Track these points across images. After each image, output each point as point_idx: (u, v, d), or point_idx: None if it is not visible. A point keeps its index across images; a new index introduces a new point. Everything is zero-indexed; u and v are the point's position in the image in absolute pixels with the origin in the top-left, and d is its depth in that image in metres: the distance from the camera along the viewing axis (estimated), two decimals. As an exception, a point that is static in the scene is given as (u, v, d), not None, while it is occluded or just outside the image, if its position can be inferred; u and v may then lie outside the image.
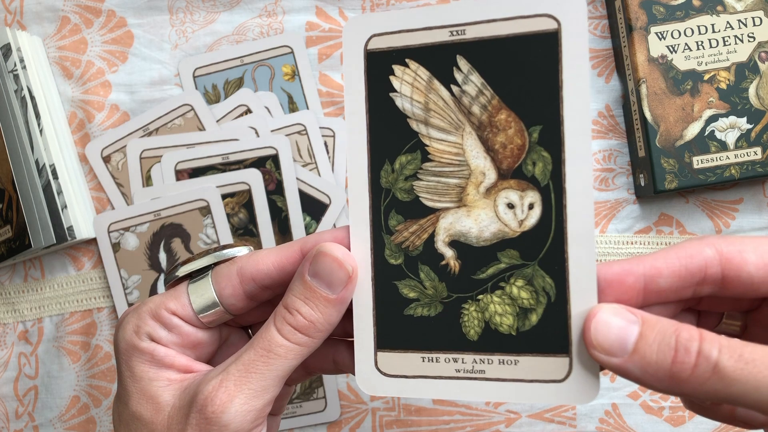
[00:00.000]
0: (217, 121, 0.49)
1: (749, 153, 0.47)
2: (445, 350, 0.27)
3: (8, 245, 0.46)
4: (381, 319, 0.28)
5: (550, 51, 0.25)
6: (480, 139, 0.26)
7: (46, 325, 0.49)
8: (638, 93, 0.47)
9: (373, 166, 0.27)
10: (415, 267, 0.27)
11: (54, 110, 0.48)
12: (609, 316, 0.25)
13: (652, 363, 0.24)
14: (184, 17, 0.49)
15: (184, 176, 0.49)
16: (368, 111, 0.27)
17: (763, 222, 0.50)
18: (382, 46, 0.27)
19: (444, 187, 0.27)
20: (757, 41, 0.47)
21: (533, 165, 0.26)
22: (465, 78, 0.26)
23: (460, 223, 0.27)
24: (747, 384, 0.22)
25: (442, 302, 0.27)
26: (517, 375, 0.26)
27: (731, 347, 0.22)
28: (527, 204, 0.26)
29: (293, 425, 0.49)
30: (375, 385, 0.28)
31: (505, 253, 0.27)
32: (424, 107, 0.27)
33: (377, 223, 0.27)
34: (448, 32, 0.26)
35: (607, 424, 0.50)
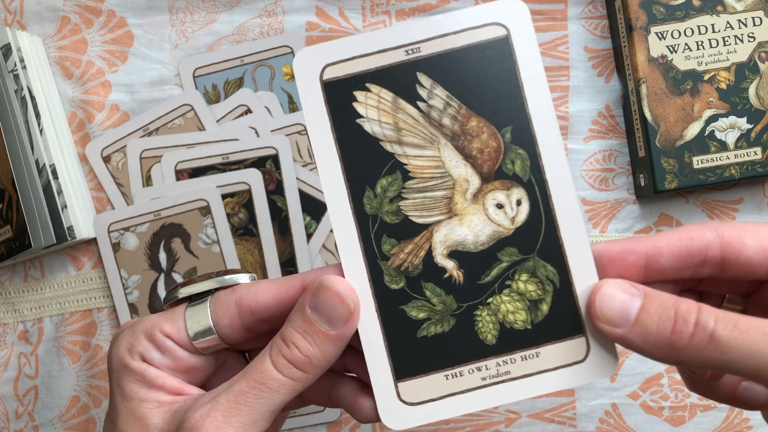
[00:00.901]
0: (217, 121, 0.49)
1: (749, 153, 0.47)
2: (466, 362, 0.27)
3: (8, 245, 0.46)
4: (395, 348, 0.27)
5: (504, 55, 0.27)
6: (456, 148, 0.27)
7: (46, 325, 0.49)
8: (638, 93, 0.47)
9: (354, 195, 0.27)
10: (419, 286, 0.27)
11: (54, 110, 0.48)
12: (613, 290, 0.26)
13: (652, 333, 0.25)
14: (184, 17, 0.49)
15: (184, 176, 0.49)
16: (337, 141, 0.27)
17: (763, 222, 0.50)
18: (339, 75, 0.27)
19: (431, 201, 0.27)
20: (757, 41, 0.47)
21: (512, 163, 0.27)
22: (429, 93, 0.27)
23: (455, 233, 0.27)
24: (741, 351, 0.23)
25: (454, 315, 0.27)
26: (542, 366, 0.27)
27: (727, 318, 0.24)
28: (515, 201, 0.27)
29: (293, 425, 0.49)
30: (402, 417, 0.27)
31: (504, 251, 0.27)
32: (395, 127, 0.27)
33: (370, 252, 0.27)
34: (404, 52, 0.27)
35: (607, 424, 0.50)
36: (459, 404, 0.27)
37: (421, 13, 0.50)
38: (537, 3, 0.50)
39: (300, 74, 0.27)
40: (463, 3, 0.49)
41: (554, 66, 0.50)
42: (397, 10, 0.50)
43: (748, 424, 0.49)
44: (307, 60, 0.27)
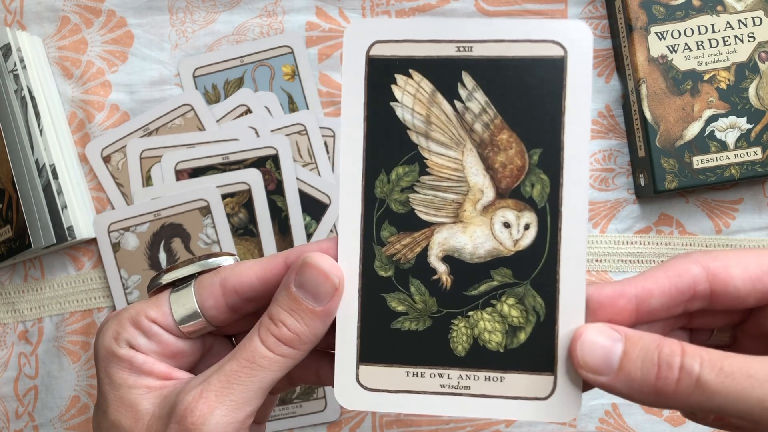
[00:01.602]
0: (217, 121, 0.49)
1: (749, 153, 0.47)
2: (431, 365, 0.27)
3: (8, 245, 0.46)
4: (366, 332, 0.27)
5: (555, 77, 0.26)
6: (480, 156, 0.27)
7: (46, 325, 0.49)
8: (638, 93, 0.47)
9: (367, 175, 0.27)
10: (405, 280, 0.27)
11: (54, 110, 0.48)
12: (594, 336, 0.25)
13: (637, 380, 0.24)
14: (184, 17, 0.49)
15: (184, 176, 0.49)
16: (366, 118, 0.27)
17: (763, 222, 0.50)
18: (386, 54, 0.27)
19: (441, 201, 0.27)
20: (757, 41, 0.47)
21: (531, 186, 0.27)
22: (469, 95, 0.27)
23: (455, 239, 0.27)
24: (729, 396, 0.23)
25: (431, 317, 0.27)
26: (503, 392, 0.27)
27: (712, 360, 0.23)
28: (523, 224, 0.27)
29: (293, 425, 0.49)
30: (354, 398, 0.27)
31: (499, 271, 0.27)
32: (426, 120, 0.27)
33: (368, 234, 0.27)
34: (455, 47, 0.26)
35: (607, 424, 0.50)
36: (411, 403, 0.27)
37: (420, 13, 0.50)
38: (537, 3, 0.50)
39: (348, 44, 0.27)
40: (463, 4, 0.49)
41: (554, 66, 0.50)
42: (397, 10, 0.50)
43: (748, 424, 0.49)
44: (359, 32, 0.27)
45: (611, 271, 0.49)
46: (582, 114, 0.26)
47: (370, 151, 0.27)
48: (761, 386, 0.22)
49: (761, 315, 0.27)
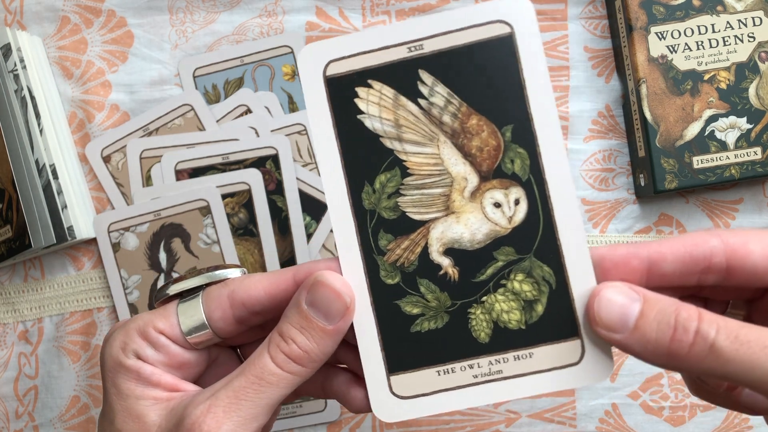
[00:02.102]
0: (217, 121, 0.49)
1: (749, 153, 0.47)
2: (459, 359, 0.27)
3: (8, 245, 0.46)
4: (388, 342, 0.27)
5: (507, 53, 0.26)
6: (456, 146, 0.27)
7: (46, 325, 0.49)
8: (638, 93, 0.47)
9: (353, 190, 0.27)
10: (414, 282, 0.27)
11: (54, 110, 0.48)
12: (612, 294, 0.25)
13: (651, 340, 0.24)
14: (184, 17, 0.49)
15: (184, 176, 0.49)
16: (338, 136, 0.27)
17: (763, 222, 0.50)
18: (342, 71, 0.27)
19: (429, 198, 0.27)
20: (757, 41, 0.47)
21: (512, 162, 0.27)
22: (431, 90, 0.27)
23: (452, 231, 0.27)
24: (742, 364, 0.23)
25: (448, 312, 0.27)
26: (535, 367, 0.27)
27: (728, 327, 0.23)
28: (513, 200, 0.27)
29: (293, 425, 0.49)
30: (393, 410, 0.27)
31: (501, 250, 0.27)
32: (395, 124, 0.27)
33: (367, 246, 0.27)
34: (407, 49, 0.27)
35: (607, 424, 0.50)
36: (450, 400, 0.27)
37: (421, 13, 0.50)
38: (537, 3, 0.50)
39: (304, 70, 0.27)
40: (463, 3, 0.49)
41: (554, 66, 0.50)
42: (397, 10, 0.50)
43: (748, 424, 0.49)
44: (312, 56, 0.27)
45: (611, 271, 0.49)
46: (542, 82, 0.26)
47: (349, 167, 0.27)
48: None
49: None
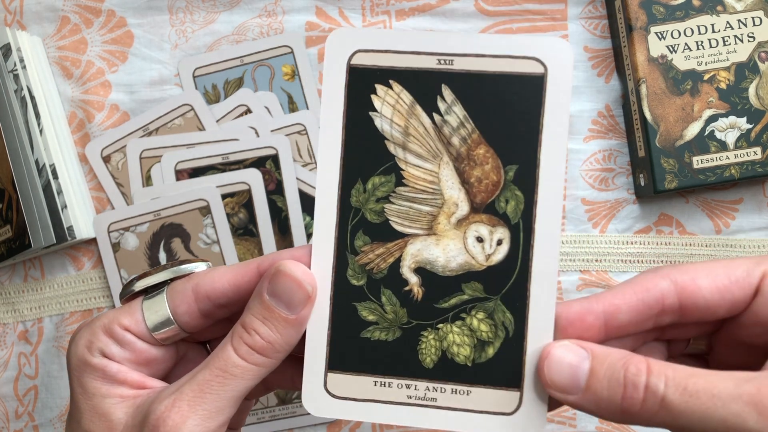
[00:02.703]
0: (217, 121, 0.49)
1: (749, 153, 0.47)
2: (399, 376, 0.27)
3: (8, 245, 0.46)
4: (335, 340, 0.27)
5: (534, 94, 0.26)
6: (456, 170, 0.27)
7: (46, 325, 0.49)
8: (638, 93, 0.47)
9: (344, 184, 0.27)
10: (377, 290, 0.27)
11: (54, 110, 0.48)
12: (561, 354, 0.25)
13: (604, 399, 0.24)
14: (184, 17, 0.49)
15: (184, 176, 0.49)
16: (345, 127, 0.27)
17: (763, 222, 0.50)
18: (367, 63, 0.27)
19: (416, 213, 0.27)
20: (757, 41, 0.47)
21: (506, 202, 0.26)
22: (448, 108, 0.26)
23: (428, 251, 0.27)
24: (693, 416, 0.22)
25: (401, 327, 0.27)
26: (468, 405, 0.27)
27: (676, 379, 0.23)
28: (496, 239, 0.27)
29: (293, 425, 0.49)
30: (321, 406, 0.28)
31: (470, 285, 0.27)
32: (404, 131, 0.27)
33: (342, 242, 0.27)
34: (436, 60, 0.26)
35: (607, 423, 0.50)
36: (378, 412, 0.27)
37: (420, 14, 0.50)
38: (537, 3, 0.50)
39: (330, 52, 0.27)
40: (463, 4, 0.49)
41: (554, 66, 0.50)
42: (397, 10, 0.50)
43: (748, 424, 0.49)
44: (341, 40, 0.26)
45: (611, 271, 0.49)
46: (559, 132, 0.26)
47: (347, 160, 0.27)
48: (724, 406, 0.22)
49: (733, 325, 0.27)
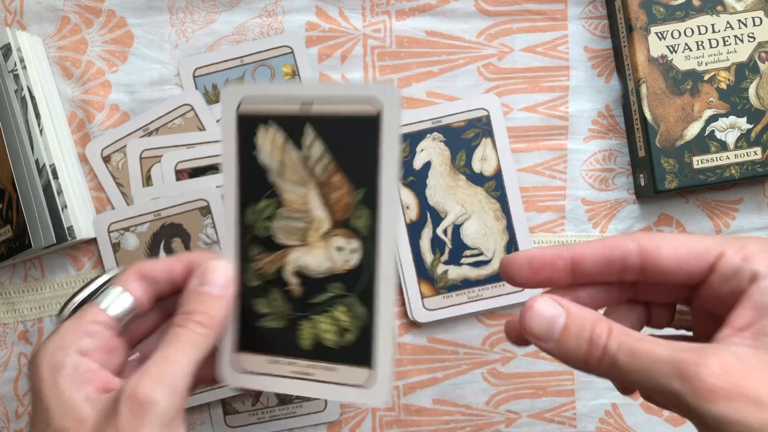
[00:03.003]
0: (217, 121, 0.49)
1: (749, 153, 0.47)
2: (285, 356, 0.34)
3: (8, 245, 0.46)
4: (240, 328, 0.34)
5: (372, 131, 0.32)
6: (320, 194, 0.33)
7: (46, 325, 0.49)
8: (638, 93, 0.47)
9: (241, 206, 0.34)
10: (268, 289, 0.34)
11: (54, 110, 0.48)
12: (541, 307, 0.30)
13: (570, 351, 0.29)
14: (184, 17, 0.50)
15: (184, 176, 0.49)
16: (238, 162, 0.33)
17: (763, 222, 0.50)
18: (251, 111, 0.33)
19: (293, 229, 0.34)
20: (757, 41, 0.47)
21: (358, 219, 0.33)
22: (311, 144, 0.33)
23: (303, 259, 0.34)
24: (635, 375, 0.27)
25: (286, 318, 0.34)
26: (335, 379, 0.34)
27: (627, 343, 0.28)
28: (351, 248, 0.33)
29: (293, 425, 0.49)
30: (229, 377, 0.35)
31: (334, 285, 0.34)
32: (280, 164, 0.33)
33: (244, 251, 0.34)
34: (300, 105, 0.32)
35: (607, 424, 0.50)
36: (270, 383, 0.34)
37: (421, 14, 0.50)
38: (537, 3, 0.50)
39: (224, 103, 0.33)
40: (463, 4, 0.49)
41: (554, 66, 0.50)
42: (397, 10, 0.50)
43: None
44: (232, 93, 0.33)
45: (611, 271, 0.49)
46: (392, 161, 0.32)
47: (241, 189, 0.34)
48: (658, 369, 0.26)
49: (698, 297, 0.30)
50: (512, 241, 0.49)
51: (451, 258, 0.49)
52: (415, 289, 0.49)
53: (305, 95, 0.32)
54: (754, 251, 0.28)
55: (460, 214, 0.49)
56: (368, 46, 0.50)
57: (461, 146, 0.49)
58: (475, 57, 0.50)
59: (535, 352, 0.50)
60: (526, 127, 0.50)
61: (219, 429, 0.49)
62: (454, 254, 0.49)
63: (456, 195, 0.49)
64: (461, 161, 0.49)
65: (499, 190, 0.49)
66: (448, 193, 0.49)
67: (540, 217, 0.50)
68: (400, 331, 0.49)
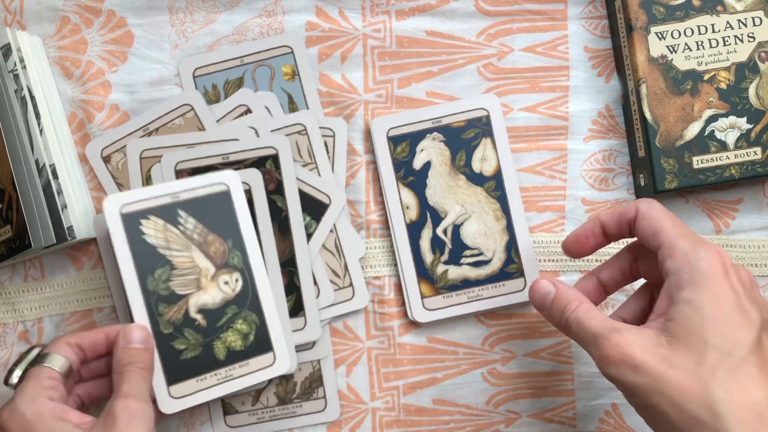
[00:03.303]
0: (217, 121, 0.49)
1: (749, 153, 0.47)
2: (208, 371, 0.45)
3: (8, 245, 0.46)
4: (167, 366, 0.44)
5: (227, 201, 0.46)
6: (201, 251, 0.46)
7: (46, 325, 0.49)
8: (638, 93, 0.47)
9: (141, 279, 0.44)
10: (181, 330, 0.45)
11: (54, 110, 0.48)
12: (540, 286, 0.41)
13: (552, 319, 0.40)
14: (184, 17, 0.50)
15: (184, 176, 0.49)
16: (130, 248, 0.44)
17: (763, 222, 0.50)
18: (132, 209, 0.44)
19: (187, 281, 0.45)
20: (757, 41, 0.47)
21: (233, 258, 0.46)
22: (185, 220, 0.45)
23: (202, 299, 0.46)
24: (577, 338, 0.38)
25: (201, 345, 0.45)
26: (250, 370, 0.46)
27: (579, 317, 0.38)
28: (234, 279, 0.46)
29: (293, 425, 0.49)
30: (170, 405, 0.44)
31: (229, 307, 0.46)
32: (165, 239, 0.45)
33: (152, 311, 0.44)
34: (170, 197, 0.45)
35: (607, 424, 0.50)
36: (204, 395, 0.45)
37: (420, 13, 0.50)
38: (537, 3, 0.50)
39: (107, 210, 0.44)
40: (463, 4, 0.49)
41: (554, 66, 0.50)
42: (397, 10, 0.50)
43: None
44: (113, 201, 0.44)
45: (611, 271, 0.49)
46: (245, 218, 0.46)
47: (138, 265, 0.44)
48: (592, 338, 0.36)
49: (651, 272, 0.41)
50: (512, 241, 0.49)
51: (451, 258, 0.49)
52: (415, 289, 0.49)
53: (173, 189, 0.45)
54: (678, 250, 0.36)
55: (460, 214, 0.49)
56: (368, 46, 0.50)
57: (461, 146, 0.49)
58: (475, 57, 0.50)
59: (535, 352, 0.50)
60: (526, 127, 0.50)
61: (219, 429, 0.49)
62: (454, 254, 0.49)
63: (456, 195, 0.49)
64: (461, 161, 0.49)
65: (499, 190, 0.49)
66: (448, 193, 0.49)
67: (540, 217, 0.50)
68: (400, 331, 0.49)
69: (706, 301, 0.34)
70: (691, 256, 0.35)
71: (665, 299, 0.36)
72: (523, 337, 0.50)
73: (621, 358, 0.34)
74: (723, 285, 0.34)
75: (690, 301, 0.34)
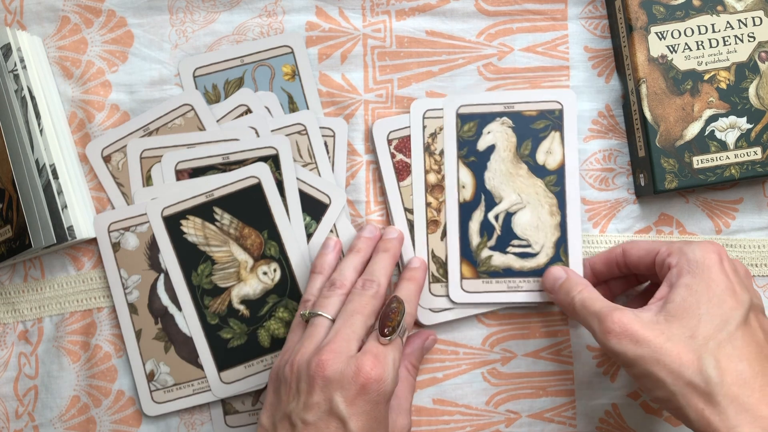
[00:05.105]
0: (218, 121, 0.49)
1: (749, 153, 0.47)
2: (255, 358, 0.48)
3: (8, 245, 0.46)
4: (216, 354, 0.48)
5: (260, 194, 0.48)
6: (239, 244, 0.48)
7: (46, 325, 0.49)
8: (638, 93, 0.47)
9: (186, 275, 0.48)
10: (226, 321, 0.48)
11: (54, 110, 0.48)
12: (553, 271, 0.46)
13: (560, 301, 0.45)
14: (184, 17, 0.50)
15: (184, 176, 0.49)
16: (174, 247, 0.48)
17: (763, 222, 0.50)
18: (171, 212, 0.48)
19: (228, 274, 0.48)
20: (757, 41, 0.47)
21: (270, 249, 0.48)
22: (221, 217, 0.48)
23: (243, 291, 0.48)
24: (580, 317, 0.42)
25: (246, 334, 0.48)
26: None
27: (583, 298, 0.42)
28: (273, 270, 0.48)
29: (293, 425, 0.49)
30: (222, 390, 0.48)
31: (270, 297, 0.48)
32: (204, 237, 0.48)
33: (198, 304, 0.48)
34: (205, 197, 0.48)
35: (607, 424, 0.50)
36: (252, 381, 0.48)
37: (420, 13, 0.50)
38: (537, 3, 0.50)
39: (150, 212, 0.48)
40: (463, 3, 0.49)
41: (554, 66, 0.50)
42: (397, 10, 0.50)
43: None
44: (155, 204, 0.48)
45: (611, 271, 0.49)
46: (279, 209, 0.48)
47: (182, 262, 0.48)
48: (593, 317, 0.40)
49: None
50: (563, 239, 0.48)
51: (498, 244, 0.48)
52: (456, 268, 0.48)
53: (207, 187, 0.48)
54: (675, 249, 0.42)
55: (515, 202, 0.48)
56: (368, 46, 0.50)
57: (529, 135, 0.49)
58: (475, 57, 0.50)
59: (535, 352, 0.50)
60: (526, 127, 0.50)
61: (219, 429, 0.49)
62: (502, 241, 0.48)
63: (514, 183, 0.48)
64: (526, 150, 0.49)
65: (559, 185, 0.48)
66: (507, 179, 0.48)
67: (540, 217, 0.50)
68: (400, 331, 0.49)
69: (701, 285, 0.39)
70: (690, 250, 0.41)
71: (666, 286, 0.41)
72: (523, 337, 0.50)
73: (623, 332, 0.38)
74: (717, 272, 0.39)
75: (688, 285, 0.39)
